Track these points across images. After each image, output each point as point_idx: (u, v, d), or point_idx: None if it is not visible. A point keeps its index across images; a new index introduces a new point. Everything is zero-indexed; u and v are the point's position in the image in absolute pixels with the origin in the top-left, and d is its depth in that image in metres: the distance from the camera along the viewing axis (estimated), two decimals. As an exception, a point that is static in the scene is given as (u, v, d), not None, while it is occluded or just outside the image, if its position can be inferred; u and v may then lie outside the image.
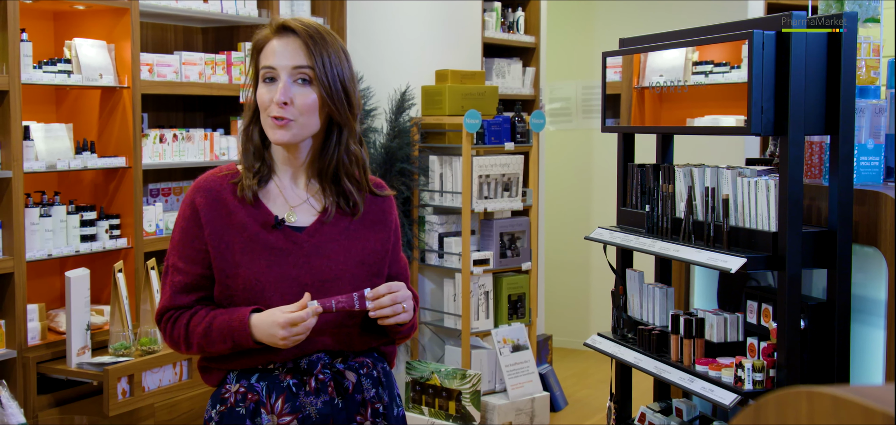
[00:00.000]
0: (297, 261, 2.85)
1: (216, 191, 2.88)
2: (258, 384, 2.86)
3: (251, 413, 2.84)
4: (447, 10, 7.35)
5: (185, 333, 2.88)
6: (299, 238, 2.87)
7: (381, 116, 7.04)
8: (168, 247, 2.97)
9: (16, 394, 5.10)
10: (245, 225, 2.85)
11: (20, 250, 5.21)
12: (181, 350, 2.93)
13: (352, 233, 2.93)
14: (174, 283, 2.90)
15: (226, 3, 6.43)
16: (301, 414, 2.84)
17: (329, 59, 2.84)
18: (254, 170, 2.90)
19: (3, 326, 5.20)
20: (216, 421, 2.90)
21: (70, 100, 5.94)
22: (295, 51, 2.83)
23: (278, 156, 2.95)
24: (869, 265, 3.93)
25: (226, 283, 2.84)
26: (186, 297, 2.90)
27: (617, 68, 4.77)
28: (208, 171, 2.97)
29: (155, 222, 6.02)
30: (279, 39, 2.86)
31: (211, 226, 2.84)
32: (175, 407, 5.67)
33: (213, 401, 2.94)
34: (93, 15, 5.82)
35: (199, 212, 2.86)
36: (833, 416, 1.15)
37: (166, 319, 2.92)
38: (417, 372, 6.43)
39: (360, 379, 2.93)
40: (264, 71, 2.85)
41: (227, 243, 2.83)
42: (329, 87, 2.83)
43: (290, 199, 2.93)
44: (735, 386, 3.84)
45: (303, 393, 2.84)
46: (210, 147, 6.35)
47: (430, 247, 6.96)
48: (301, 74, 2.82)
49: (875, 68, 4.49)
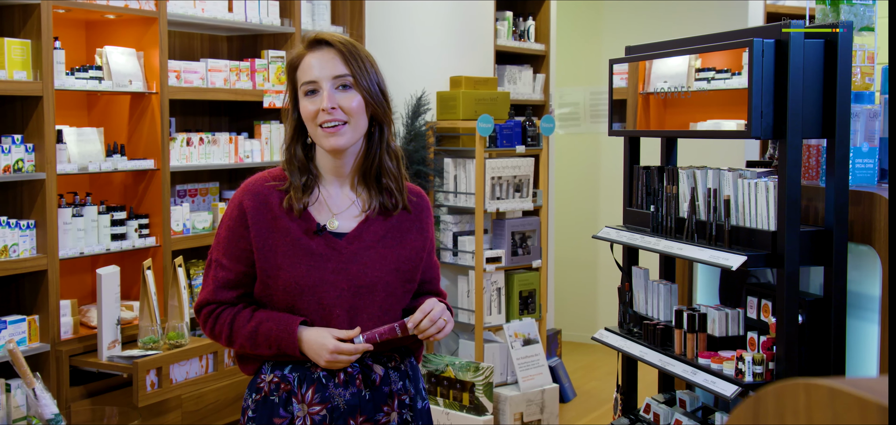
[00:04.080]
0: (336, 266, 2.85)
1: (263, 195, 2.89)
2: (291, 375, 2.88)
3: (284, 402, 2.86)
4: (461, 19, 7.35)
5: (229, 331, 2.90)
6: (339, 244, 2.87)
7: (398, 121, 7.03)
8: (213, 241, 2.97)
9: (49, 386, 5.12)
10: (289, 229, 2.85)
11: (53, 248, 5.22)
12: (222, 343, 2.95)
13: (388, 241, 2.93)
14: (217, 278, 2.92)
15: (250, 12, 6.43)
16: (330, 404, 2.84)
17: (364, 65, 2.86)
18: (302, 185, 2.90)
19: (38, 321, 5.21)
20: (253, 409, 2.92)
21: (101, 105, 5.95)
22: (332, 61, 2.83)
23: (325, 166, 2.94)
24: (864, 263, 3.92)
25: (266, 283, 2.86)
26: (228, 293, 2.91)
27: (623, 75, 4.77)
28: (256, 175, 2.98)
29: (182, 222, 6.03)
30: (314, 54, 2.86)
31: (256, 228, 2.85)
32: (201, 398, 5.68)
33: (249, 390, 2.97)
34: (123, 24, 5.83)
35: (246, 213, 2.87)
36: (829, 407, 1.15)
37: (208, 312, 2.94)
38: (433, 365, 6.43)
39: (388, 372, 2.94)
40: (305, 86, 2.85)
41: (271, 246, 2.84)
42: (369, 89, 2.85)
43: (334, 206, 2.93)
44: (736, 379, 3.83)
45: (332, 385, 2.85)
46: (235, 150, 6.36)
47: (445, 246, 6.96)
48: (342, 82, 2.83)
49: (870, 74, 4.48)
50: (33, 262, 5.16)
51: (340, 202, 2.94)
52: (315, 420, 2.84)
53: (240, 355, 2.99)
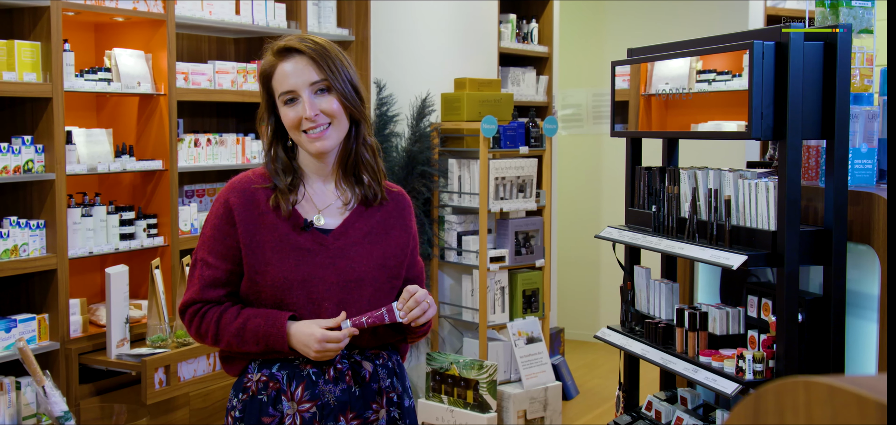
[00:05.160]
0: (323, 261, 2.85)
1: (250, 192, 2.89)
2: (279, 373, 2.86)
3: (272, 400, 2.85)
4: (465, 22, 7.35)
5: (215, 329, 2.87)
6: (326, 240, 2.87)
7: (403, 122, 7.04)
8: (197, 241, 2.96)
9: (59, 384, 5.13)
10: (276, 225, 2.85)
11: (63, 248, 5.23)
12: (208, 342, 2.92)
13: (373, 237, 2.93)
14: (204, 277, 2.89)
15: (257, 14, 6.44)
16: (320, 401, 2.83)
17: (336, 66, 2.86)
18: (287, 185, 2.90)
19: (47, 320, 5.22)
20: (239, 409, 2.90)
21: (110, 106, 5.96)
22: (306, 68, 2.84)
23: (308, 165, 2.95)
24: (863, 262, 3.92)
25: (254, 280, 2.84)
26: (214, 292, 2.89)
27: (625, 77, 4.77)
28: (241, 174, 2.98)
29: (190, 221, 6.03)
30: (286, 62, 2.86)
31: (244, 225, 2.84)
32: (209, 395, 5.68)
33: (235, 390, 2.94)
34: (131, 26, 5.84)
35: (232, 211, 2.86)
36: (829, 404, 1.15)
37: (193, 311, 2.92)
38: (437, 363, 6.43)
39: (376, 369, 2.94)
40: (283, 96, 2.85)
41: (259, 242, 2.84)
42: (344, 91, 2.85)
43: (319, 202, 2.93)
44: (736, 376, 3.83)
45: (322, 382, 2.84)
46: (242, 150, 6.36)
47: (450, 245, 6.96)
48: (318, 86, 2.84)
49: (868, 76, 4.47)
50: (43, 262, 5.16)
51: (325, 198, 2.94)
52: (305, 417, 2.83)
53: (225, 355, 2.97)
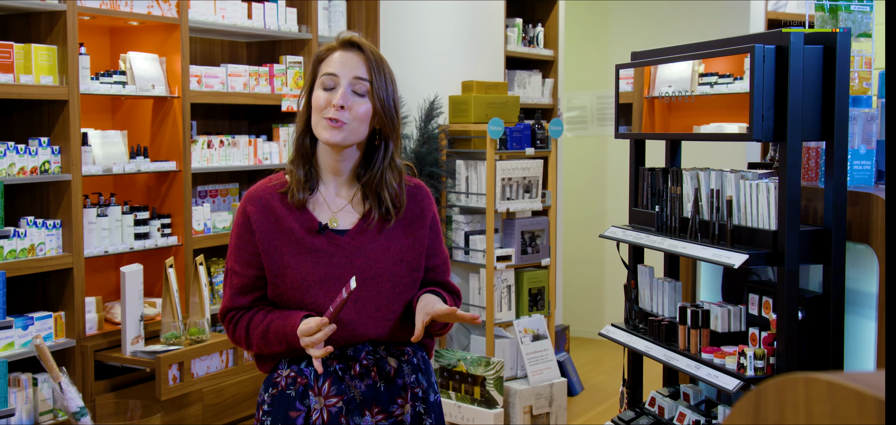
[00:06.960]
0: (340, 261, 2.86)
1: (265, 200, 2.90)
2: (307, 369, 2.88)
3: (300, 395, 2.86)
4: (473, 26, 7.36)
5: (245, 335, 2.91)
6: (341, 241, 2.88)
7: (411, 124, 7.04)
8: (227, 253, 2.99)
9: (75, 380, 5.14)
10: (292, 230, 2.86)
11: (79, 247, 5.24)
12: (243, 347, 2.97)
13: (390, 233, 2.93)
14: (233, 286, 2.94)
15: (269, 19, 6.44)
16: (346, 396, 2.85)
17: (385, 79, 2.87)
18: (303, 176, 2.91)
19: (64, 317, 5.23)
20: (268, 403, 2.92)
21: (125, 108, 5.97)
22: (357, 63, 2.85)
23: (325, 164, 2.94)
24: (861, 261, 3.91)
25: (276, 283, 2.87)
26: (244, 298, 2.93)
27: (629, 79, 4.76)
28: (258, 182, 2.99)
29: (203, 221, 6.04)
30: (344, 52, 2.88)
31: (261, 232, 2.87)
32: (222, 391, 5.69)
33: (266, 385, 2.97)
34: (146, 30, 5.85)
35: (250, 219, 2.88)
36: (828, 400, 1.14)
37: (228, 320, 2.96)
38: (445, 360, 6.44)
39: (401, 365, 2.94)
40: (325, 78, 2.85)
41: (277, 247, 2.86)
42: (383, 102, 2.85)
43: (333, 205, 2.93)
44: (738, 373, 3.83)
45: (348, 377, 2.86)
46: (254, 152, 6.36)
47: (457, 245, 6.96)
48: (360, 85, 2.84)
49: (867, 79, 4.47)
50: (59, 261, 5.17)
51: (339, 201, 2.94)
52: (331, 412, 2.84)
53: (257, 355, 3.01)
